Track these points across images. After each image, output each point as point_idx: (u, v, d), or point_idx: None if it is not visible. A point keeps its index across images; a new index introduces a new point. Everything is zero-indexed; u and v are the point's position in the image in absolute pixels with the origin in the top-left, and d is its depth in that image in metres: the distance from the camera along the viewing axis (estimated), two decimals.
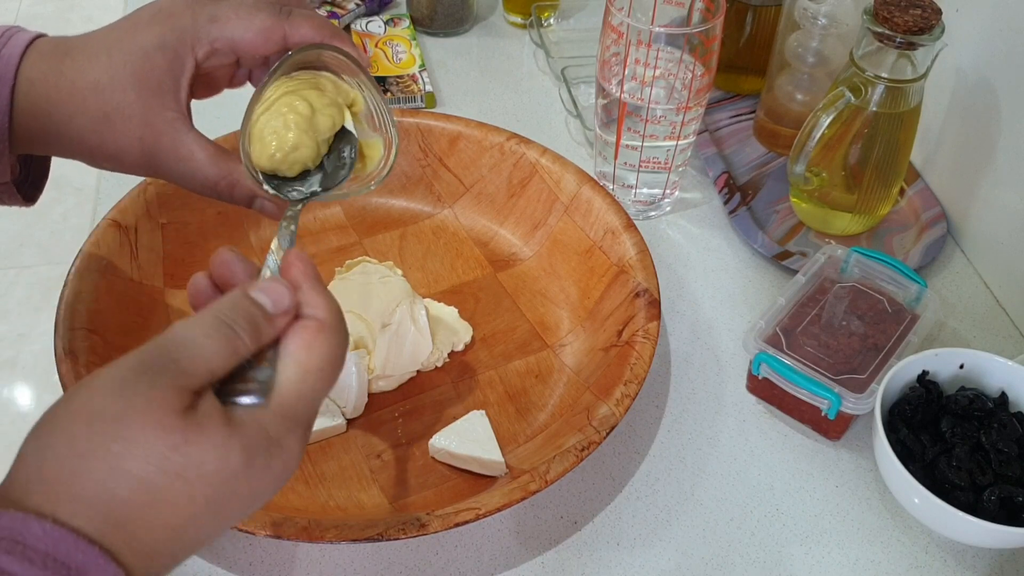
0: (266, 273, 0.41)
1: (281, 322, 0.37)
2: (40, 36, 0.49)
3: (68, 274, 0.64)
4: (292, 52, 0.47)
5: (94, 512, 0.32)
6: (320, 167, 0.49)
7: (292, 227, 0.44)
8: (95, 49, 0.47)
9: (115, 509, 0.33)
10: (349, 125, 0.49)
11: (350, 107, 0.49)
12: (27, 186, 0.52)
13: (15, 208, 0.54)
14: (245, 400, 0.36)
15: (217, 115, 0.59)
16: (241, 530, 0.52)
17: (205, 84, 0.51)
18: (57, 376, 0.58)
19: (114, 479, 0.32)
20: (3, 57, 0.46)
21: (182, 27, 0.47)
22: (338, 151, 0.49)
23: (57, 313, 0.62)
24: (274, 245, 0.42)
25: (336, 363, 0.38)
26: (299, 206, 0.46)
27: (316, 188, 0.48)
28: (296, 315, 0.38)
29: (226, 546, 0.57)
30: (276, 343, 0.37)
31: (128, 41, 0.46)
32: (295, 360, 0.37)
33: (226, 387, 0.36)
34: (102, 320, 0.63)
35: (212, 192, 0.49)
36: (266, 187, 0.47)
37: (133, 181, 0.70)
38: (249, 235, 0.74)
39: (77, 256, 0.65)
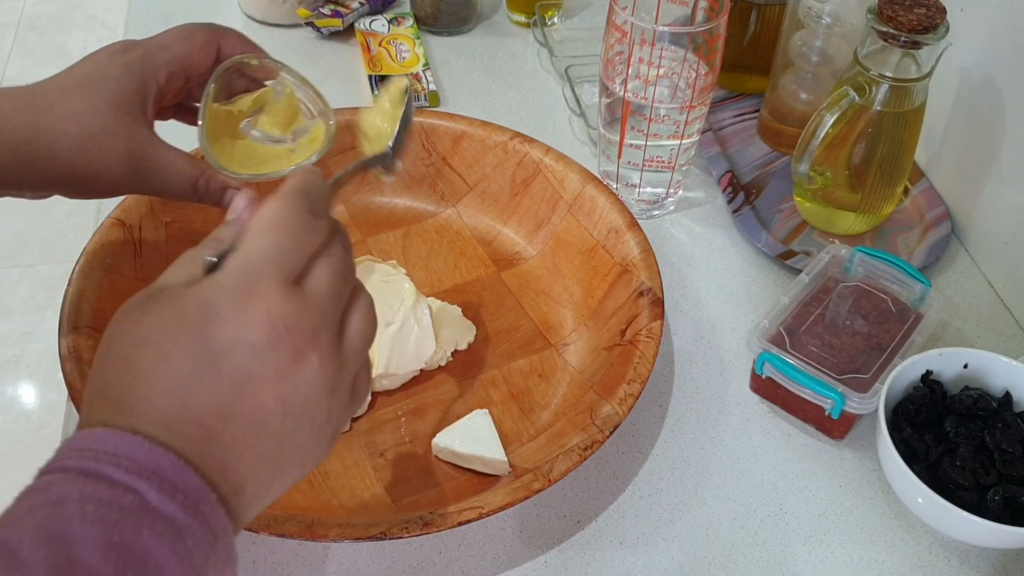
0: None
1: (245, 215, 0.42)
2: None
3: (72, 273, 0.64)
4: (222, 64, 0.56)
5: (182, 426, 0.35)
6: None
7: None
8: (64, 86, 0.53)
9: (201, 420, 0.36)
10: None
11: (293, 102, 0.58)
12: None
13: (19, 207, 0.57)
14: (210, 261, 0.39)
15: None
16: (245, 529, 0.52)
17: (162, 108, 0.57)
18: (61, 374, 0.58)
19: (193, 389, 0.36)
20: None
21: (140, 57, 0.54)
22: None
23: (61, 312, 0.62)
24: None
25: (284, 217, 0.39)
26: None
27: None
28: None
29: None
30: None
31: (96, 75, 0.53)
32: (247, 229, 0.39)
33: None
34: (106, 319, 0.62)
35: (192, 191, 0.55)
36: (251, 131, 0.55)
37: None
38: None
39: (81, 255, 0.65)
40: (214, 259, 0.39)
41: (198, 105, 0.56)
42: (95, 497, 0.33)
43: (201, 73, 0.56)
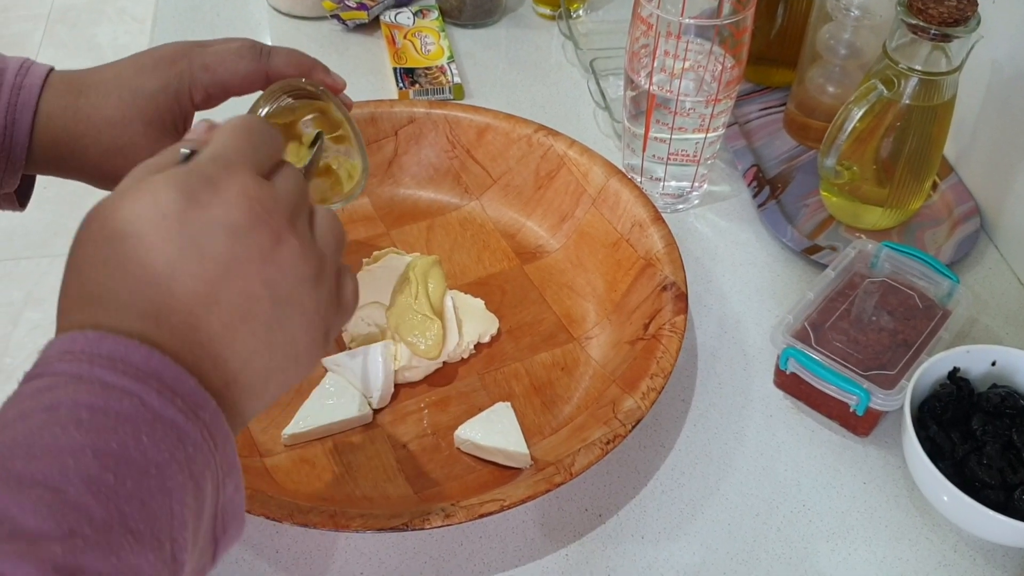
0: None
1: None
2: (51, 69, 0.55)
3: None
4: (271, 88, 0.54)
5: (171, 326, 0.35)
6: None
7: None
8: (107, 88, 0.54)
9: (186, 319, 0.35)
10: (333, 149, 0.56)
11: (335, 133, 0.56)
12: (19, 193, 0.59)
13: (49, 198, 0.59)
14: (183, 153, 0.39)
15: None
16: (269, 518, 0.52)
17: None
18: None
19: (173, 285, 0.35)
20: (25, 87, 0.52)
21: (180, 74, 0.54)
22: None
23: None
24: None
25: (250, 123, 0.40)
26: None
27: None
28: None
29: (253, 533, 0.58)
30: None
31: (136, 84, 0.54)
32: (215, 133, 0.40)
33: None
34: None
35: None
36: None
37: None
38: None
39: None
40: (187, 151, 0.39)
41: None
42: (89, 404, 0.32)
43: (242, 92, 0.56)
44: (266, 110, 0.55)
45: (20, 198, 0.58)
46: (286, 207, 0.38)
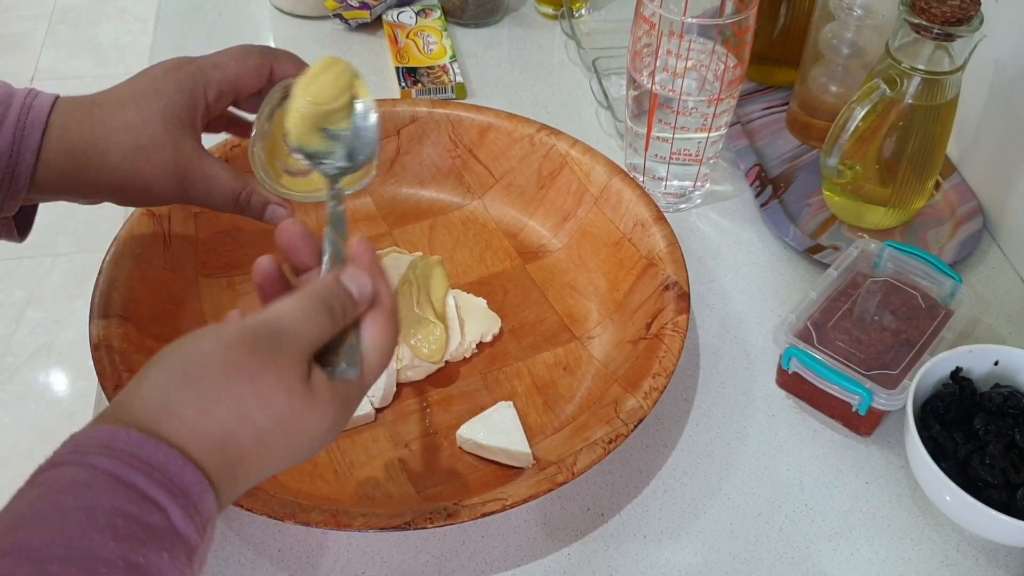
0: (327, 251, 0.46)
1: (364, 306, 0.44)
2: (58, 96, 0.56)
3: (103, 262, 0.65)
4: (280, 84, 0.57)
5: (215, 451, 0.38)
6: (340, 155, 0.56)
7: (340, 207, 0.50)
8: (121, 98, 0.55)
9: (231, 452, 0.38)
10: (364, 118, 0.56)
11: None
12: (20, 223, 0.60)
13: None
14: (346, 372, 0.43)
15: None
16: (271, 516, 0.52)
17: (214, 120, 0.59)
18: (92, 362, 0.59)
19: (240, 427, 0.38)
20: (35, 108, 0.53)
21: (192, 74, 0.56)
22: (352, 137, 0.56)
23: (92, 300, 0.63)
24: (328, 229, 0.48)
25: (394, 345, 0.45)
26: (338, 185, 0.53)
27: (343, 163, 0.54)
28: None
29: (255, 532, 0.58)
30: (357, 323, 0.44)
31: (151, 90, 0.55)
32: (375, 341, 0.44)
33: (322, 357, 0.42)
34: (136, 308, 0.64)
35: (234, 204, 0.57)
36: (298, 156, 0.55)
37: None
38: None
39: (112, 244, 0.66)
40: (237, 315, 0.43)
41: (248, 119, 0.59)
42: (125, 512, 0.34)
43: (252, 93, 0.58)
44: (267, 109, 0.56)
45: (21, 228, 0.59)
46: (359, 394, 0.43)
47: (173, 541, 0.35)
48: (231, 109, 0.60)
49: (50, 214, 0.66)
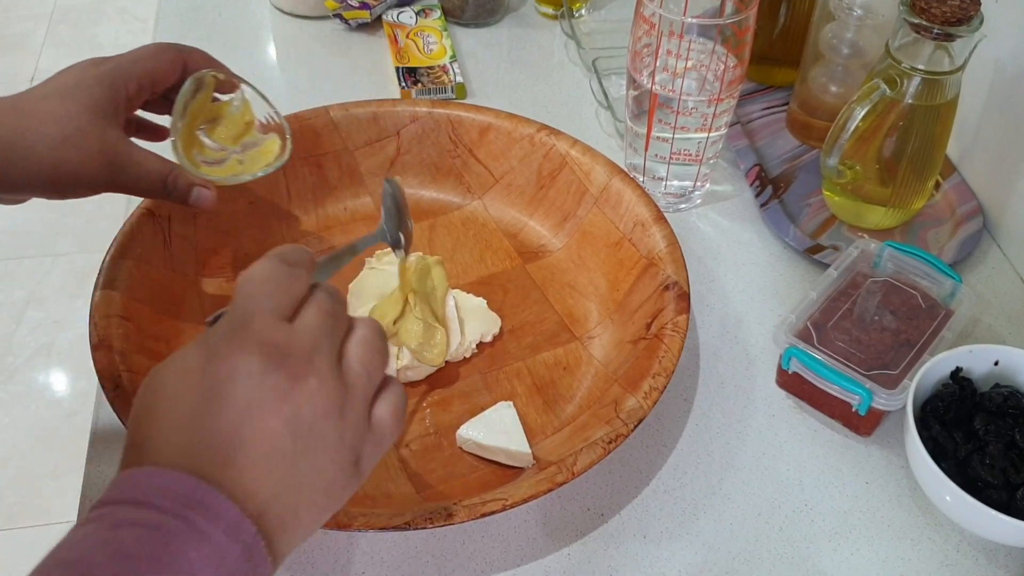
0: None
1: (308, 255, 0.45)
2: None
3: (103, 262, 0.65)
4: (192, 76, 0.62)
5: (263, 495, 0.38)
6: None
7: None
8: (45, 93, 0.57)
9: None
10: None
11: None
12: None
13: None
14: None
15: None
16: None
17: (126, 126, 0.61)
18: (92, 362, 0.59)
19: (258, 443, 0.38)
20: None
21: (111, 69, 0.59)
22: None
23: (92, 300, 0.63)
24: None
25: (266, 268, 0.43)
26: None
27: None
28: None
29: None
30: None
31: (73, 84, 0.57)
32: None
33: None
34: (136, 308, 0.64)
35: (162, 187, 0.60)
36: (202, 138, 0.63)
37: None
38: (280, 225, 0.75)
39: (112, 244, 0.66)
40: (211, 318, 0.44)
41: (156, 123, 0.64)
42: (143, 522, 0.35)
43: (167, 87, 0.61)
44: (181, 104, 0.61)
45: None
46: (305, 346, 0.40)
47: (200, 542, 0.36)
48: (139, 113, 0.63)
49: (49, 213, 0.66)
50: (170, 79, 0.61)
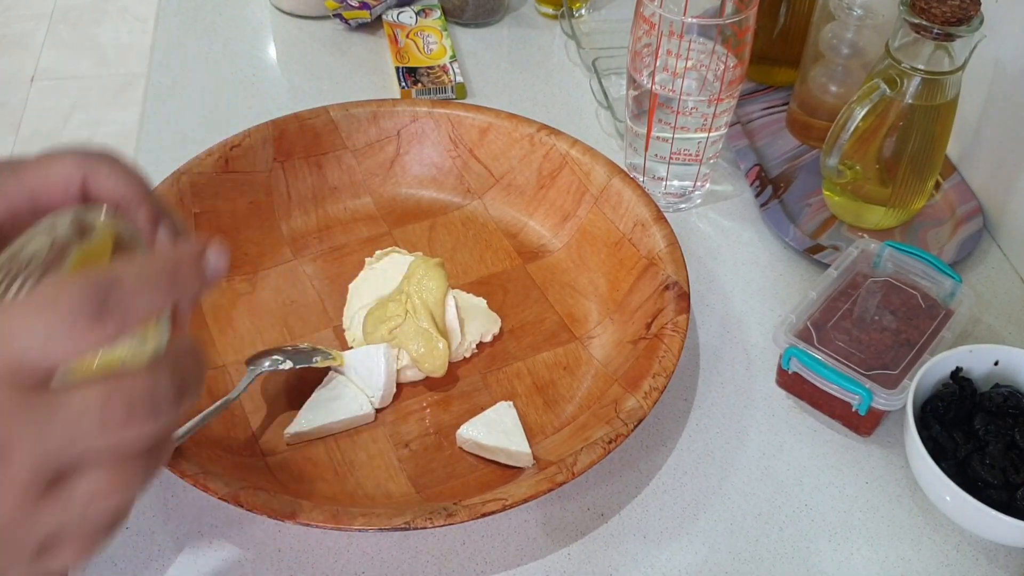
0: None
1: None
2: None
3: None
4: (60, 212, 0.39)
5: None
6: None
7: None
8: None
9: None
10: None
11: None
12: None
13: None
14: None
15: None
16: (271, 516, 0.52)
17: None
18: None
19: None
20: None
21: None
22: None
23: None
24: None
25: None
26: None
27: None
28: None
29: (255, 532, 0.58)
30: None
31: None
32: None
33: None
34: None
35: None
36: None
37: (166, 171, 0.71)
38: (280, 225, 0.75)
39: None
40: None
41: None
42: None
43: (51, 203, 0.42)
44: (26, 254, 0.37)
45: None
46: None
47: None
48: None
49: None
50: (57, 201, 0.41)
